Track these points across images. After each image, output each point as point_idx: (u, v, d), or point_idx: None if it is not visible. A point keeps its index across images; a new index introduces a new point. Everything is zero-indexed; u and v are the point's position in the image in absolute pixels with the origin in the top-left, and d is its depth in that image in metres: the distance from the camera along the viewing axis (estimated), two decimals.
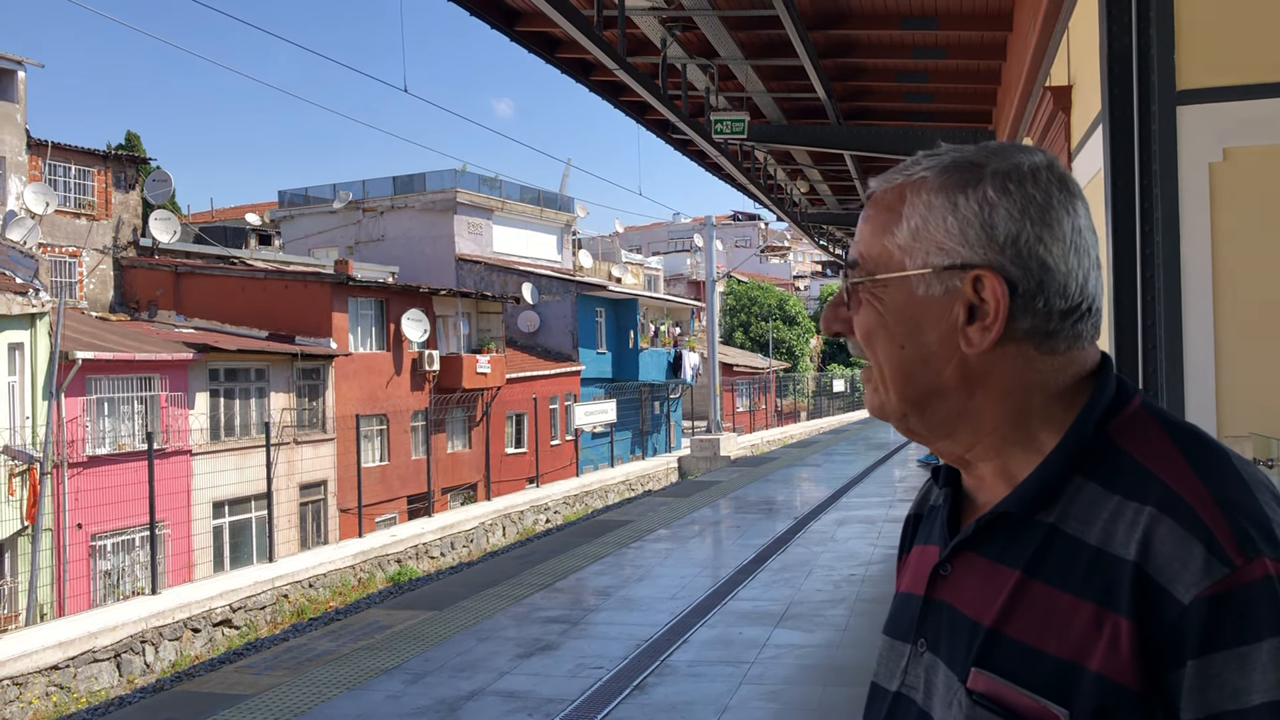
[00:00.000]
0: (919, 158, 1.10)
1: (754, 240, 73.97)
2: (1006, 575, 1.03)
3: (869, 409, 1.15)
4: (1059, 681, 0.96)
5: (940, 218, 1.06)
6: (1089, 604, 0.96)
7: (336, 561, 18.29)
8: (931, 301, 1.06)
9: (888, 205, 1.09)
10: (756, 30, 10.54)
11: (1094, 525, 0.99)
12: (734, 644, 7.53)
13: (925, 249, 1.06)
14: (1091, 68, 5.99)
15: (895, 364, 1.08)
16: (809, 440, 30.82)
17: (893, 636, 1.17)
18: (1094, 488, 1.01)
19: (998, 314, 1.03)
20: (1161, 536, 0.94)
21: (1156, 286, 5.20)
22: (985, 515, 1.07)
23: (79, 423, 18.32)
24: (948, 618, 1.07)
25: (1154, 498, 0.96)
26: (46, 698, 12.53)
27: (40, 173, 23.99)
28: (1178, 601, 0.92)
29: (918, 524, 1.27)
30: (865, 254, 1.09)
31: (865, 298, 1.09)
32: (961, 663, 1.03)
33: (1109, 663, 0.94)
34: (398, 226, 36.56)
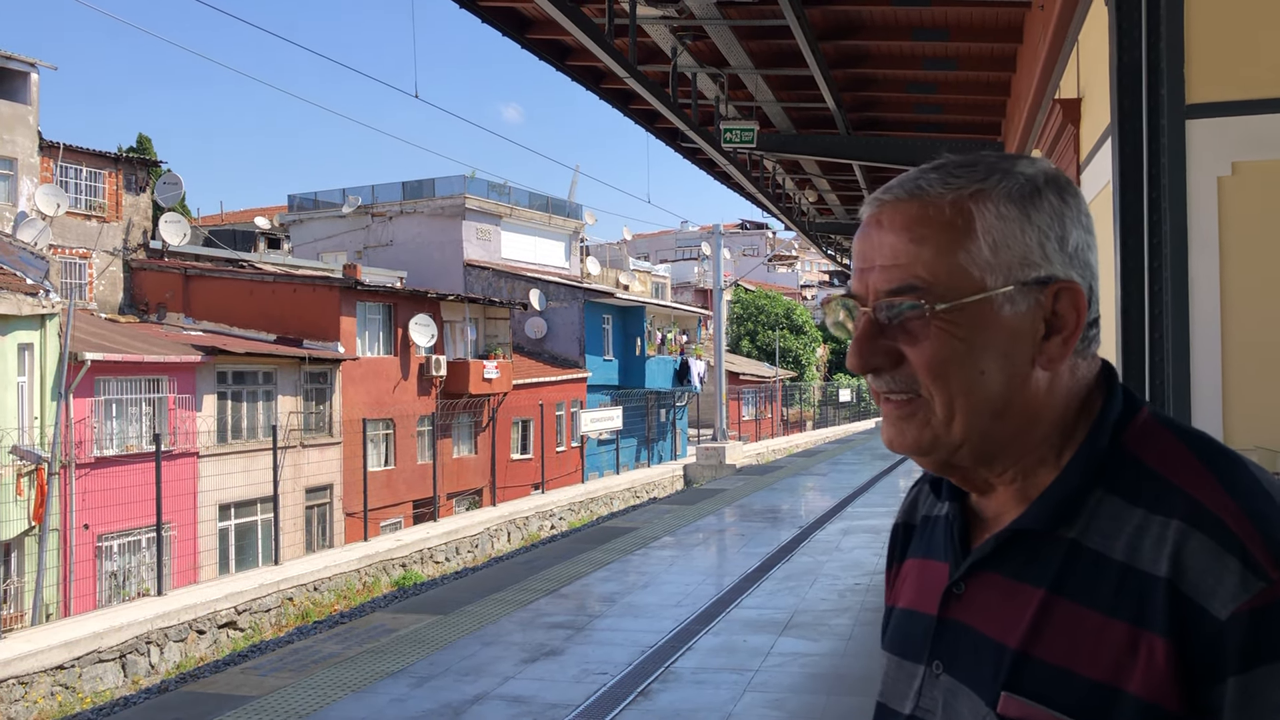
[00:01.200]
0: (947, 170, 1.04)
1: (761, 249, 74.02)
2: (1030, 594, 1.00)
3: (906, 446, 1.05)
4: (1095, 704, 0.93)
5: (1018, 230, 1.02)
6: (1121, 623, 0.94)
7: (342, 565, 18.31)
8: (1015, 320, 1.01)
9: (946, 221, 1.02)
10: (767, 40, 10.59)
11: (1119, 540, 0.97)
12: (738, 651, 7.54)
13: (1008, 265, 1.01)
14: (1101, 80, 6.02)
15: (971, 393, 1.01)
16: (815, 449, 30.81)
17: (901, 656, 1.13)
18: (1116, 501, 0.99)
19: (1077, 326, 1.02)
20: (1193, 551, 0.92)
21: (1164, 300, 5.22)
22: (1003, 532, 1.04)
23: (87, 423, 18.39)
24: (967, 639, 1.04)
25: (1181, 511, 0.94)
26: (51, 697, 12.56)
27: (52, 174, 24.11)
28: (1214, 618, 0.90)
29: (908, 533, 1.23)
30: (930, 277, 1.00)
31: (940, 325, 1.00)
32: (989, 686, 0.99)
33: (1146, 684, 0.91)
34: (406, 232, 36.66)
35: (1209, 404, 5.11)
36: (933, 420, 1.02)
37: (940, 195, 1.02)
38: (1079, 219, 1.04)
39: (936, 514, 1.17)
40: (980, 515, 1.10)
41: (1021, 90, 9.99)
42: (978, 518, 1.10)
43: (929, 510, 1.20)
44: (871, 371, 1.04)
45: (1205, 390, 5.10)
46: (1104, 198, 6.06)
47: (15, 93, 23.36)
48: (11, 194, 23.14)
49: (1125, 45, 5.24)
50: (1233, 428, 5.06)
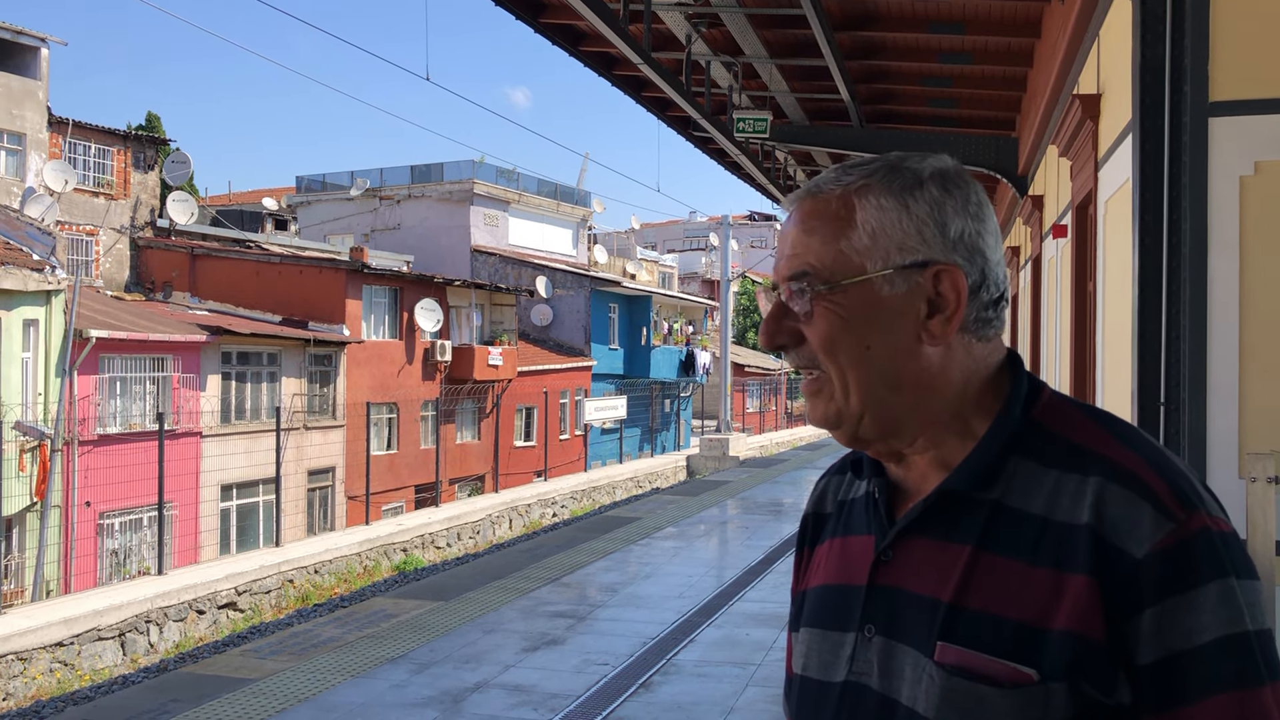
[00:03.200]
0: (843, 168, 1.16)
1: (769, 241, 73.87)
2: (957, 551, 1.09)
3: (818, 420, 1.17)
4: (1023, 644, 1.03)
5: (896, 219, 1.12)
6: (1043, 569, 1.04)
7: (343, 548, 18.29)
8: (895, 300, 1.12)
9: (832, 214, 1.13)
10: (782, 29, 10.48)
11: (1036, 498, 1.07)
12: (741, 645, 7.49)
13: (885, 250, 1.12)
14: (1122, 77, 5.93)
15: (860, 367, 1.12)
16: (819, 443, 30.75)
17: (825, 628, 1.19)
18: (1031, 465, 1.10)
19: (958, 306, 1.12)
20: (1111, 501, 1.04)
21: (1182, 300, 5.15)
22: (929, 497, 1.13)
23: (90, 401, 18.36)
24: (899, 600, 1.12)
25: (1097, 468, 1.06)
26: (50, 674, 12.55)
27: (60, 150, 24.05)
28: (1132, 557, 1.01)
29: (818, 522, 1.32)
30: (817, 263, 1.13)
31: (826, 306, 1.12)
32: (925, 639, 1.08)
33: (1074, 619, 1.02)
34: (414, 215, 36.57)
35: (1225, 406, 5.04)
36: (834, 394, 1.14)
37: (831, 191, 1.14)
38: (964, 208, 1.14)
39: (853, 496, 1.26)
40: (901, 488, 1.19)
41: (1038, 86, 9.89)
42: (899, 492, 1.19)
43: (844, 496, 1.29)
44: (779, 348, 1.17)
45: (1221, 392, 5.03)
46: (1122, 194, 5.98)
47: (25, 68, 23.28)
48: (20, 169, 23.09)
49: (1149, 41, 5.16)
50: (1249, 430, 4.99)
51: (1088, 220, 7.91)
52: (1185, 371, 5.08)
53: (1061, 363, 8.95)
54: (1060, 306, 9.20)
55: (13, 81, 22.83)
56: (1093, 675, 1.02)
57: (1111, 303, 6.61)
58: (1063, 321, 8.99)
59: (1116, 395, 5.83)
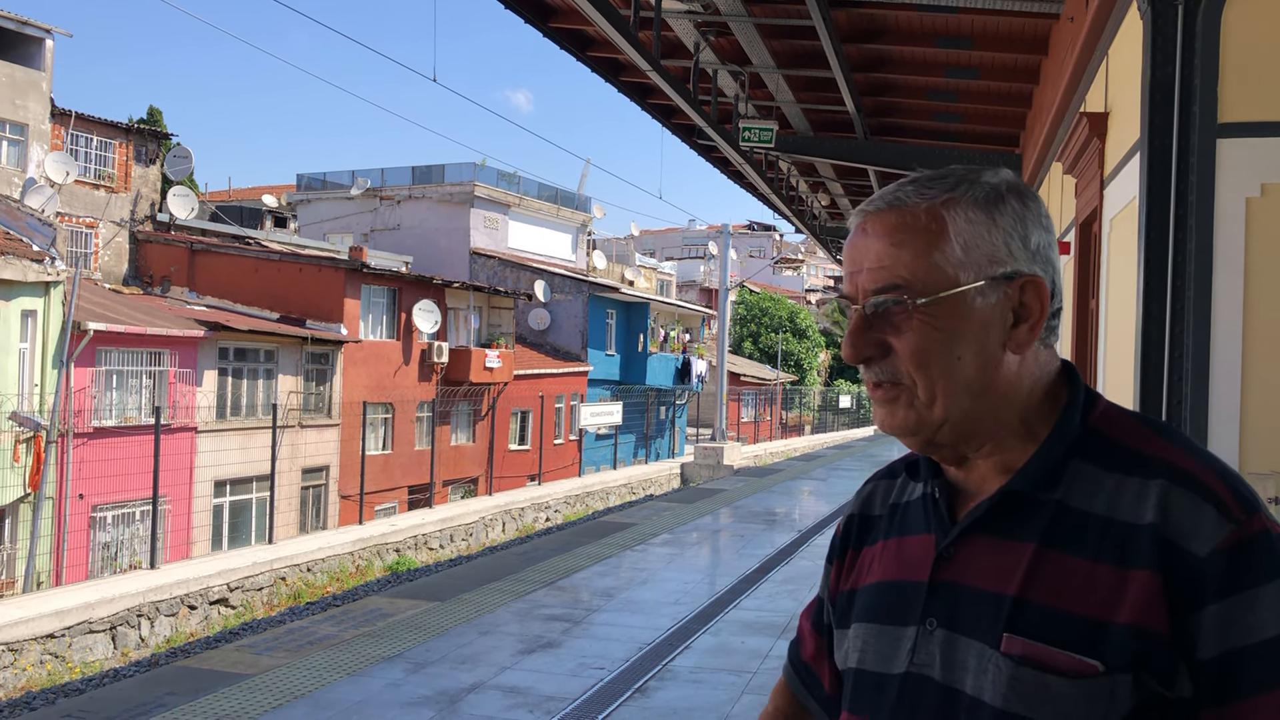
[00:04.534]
0: (918, 182, 1.20)
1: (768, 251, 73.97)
2: (1020, 549, 1.14)
3: (895, 428, 1.20)
4: (1088, 637, 1.07)
5: (985, 231, 1.16)
6: (1106, 565, 1.09)
7: (336, 547, 18.27)
8: (985, 311, 1.16)
9: (921, 227, 1.16)
10: (790, 40, 10.53)
11: (1098, 499, 1.12)
12: (737, 653, 7.49)
13: (978, 263, 1.16)
14: (1130, 96, 5.96)
15: (949, 377, 1.16)
16: (813, 454, 30.77)
17: (884, 622, 1.23)
18: (1091, 468, 1.15)
19: (1041, 315, 1.17)
20: (1175, 503, 1.08)
21: (1186, 318, 5.17)
22: (993, 496, 1.17)
23: (87, 393, 18.33)
24: (962, 595, 1.16)
25: (1159, 472, 1.11)
26: (41, 665, 12.52)
27: (62, 142, 24.04)
28: (1194, 556, 1.06)
29: (865, 523, 1.36)
30: (910, 276, 1.15)
31: (921, 318, 1.15)
32: (990, 631, 1.12)
33: (1138, 612, 1.06)
34: (414, 216, 36.57)
35: (1226, 425, 5.06)
36: (916, 403, 1.17)
37: (916, 204, 1.17)
38: (1040, 220, 1.20)
39: (907, 499, 1.31)
40: (960, 490, 1.24)
41: (1043, 103, 9.94)
42: (958, 493, 1.24)
43: (895, 499, 1.33)
44: (863, 361, 1.19)
45: (1223, 412, 5.06)
46: (1129, 213, 6.01)
47: (29, 58, 23.28)
48: (21, 160, 23.07)
49: (1159, 61, 5.19)
50: (1249, 450, 5.02)
51: (1091, 238, 7.94)
52: (1188, 390, 5.11)
53: None
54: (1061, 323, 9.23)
55: (16, 72, 22.83)
56: (1156, 668, 1.06)
57: (1114, 320, 6.64)
58: (1063, 339, 9.02)
59: None
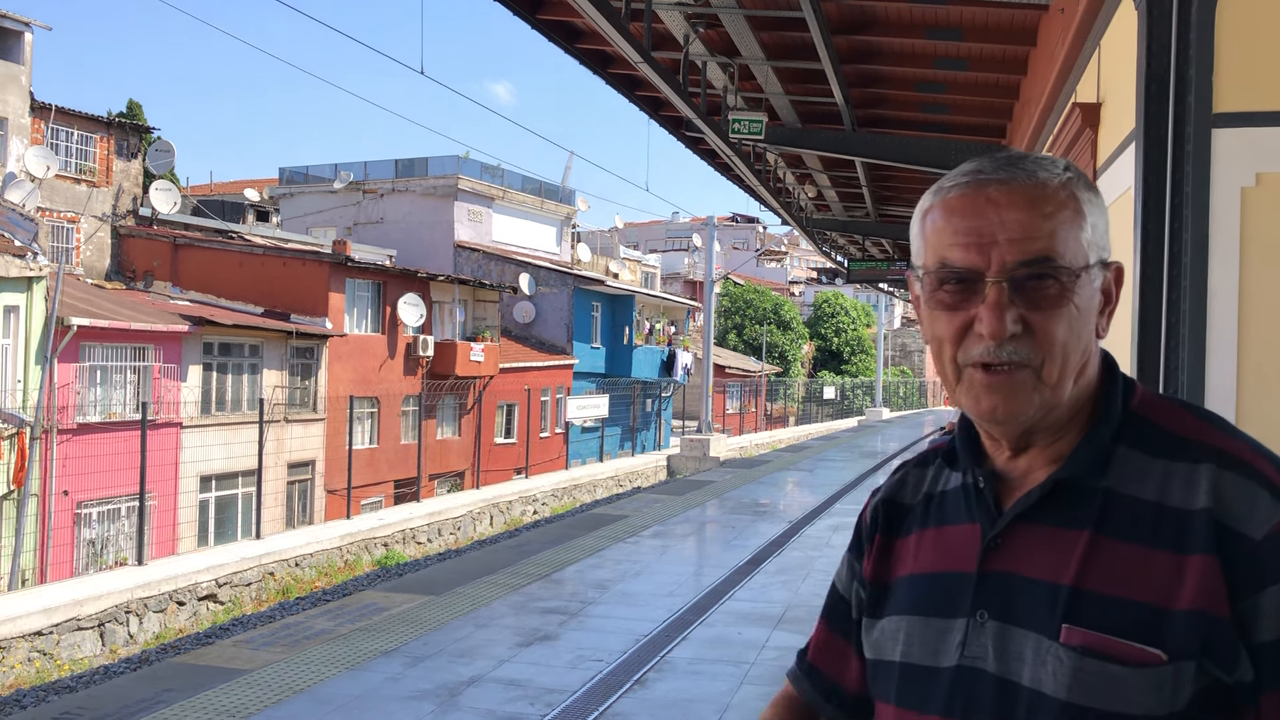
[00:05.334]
0: (1030, 159, 1.16)
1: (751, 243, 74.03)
2: (1074, 537, 1.12)
3: (1015, 412, 1.14)
4: (1149, 626, 1.06)
5: (1100, 215, 1.17)
6: (1163, 552, 1.08)
7: (324, 542, 18.22)
8: (1093, 294, 1.16)
9: (1061, 202, 1.14)
10: (780, 31, 10.52)
11: (1147, 485, 1.12)
12: (733, 644, 7.52)
13: (1099, 244, 1.16)
14: (1123, 86, 5.99)
15: (1073, 355, 1.14)
16: (800, 445, 30.84)
17: (930, 615, 1.20)
18: (1139, 454, 1.14)
19: (1118, 301, 1.19)
20: (1227, 486, 1.08)
21: (1182, 308, 5.20)
22: (1043, 484, 1.15)
23: (71, 389, 18.21)
24: (1013, 585, 1.14)
25: (1207, 456, 1.10)
26: (29, 663, 12.45)
27: (43, 136, 23.82)
28: (1250, 539, 1.06)
29: (897, 510, 1.32)
30: (1063, 251, 1.13)
31: (1070, 295, 1.13)
32: (1047, 622, 1.10)
33: (1199, 598, 1.05)
34: (398, 210, 36.44)
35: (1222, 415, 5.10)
36: (1040, 386, 1.13)
37: (1049, 179, 1.14)
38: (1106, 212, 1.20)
39: (944, 489, 1.27)
40: (1005, 479, 1.21)
41: (1031, 94, 9.96)
42: (1002, 482, 1.21)
43: (930, 489, 1.29)
44: (1008, 339, 1.12)
45: (1219, 402, 5.08)
46: (1123, 203, 6.03)
47: (9, 52, 23.05)
48: (1, 154, 22.86)
49: (1154, 51, 5.21)
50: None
51: None
52: (1183, 378, 5.13)
53: None
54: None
55: None
56: (1217, 653, 1.05)
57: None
58: None
59: None
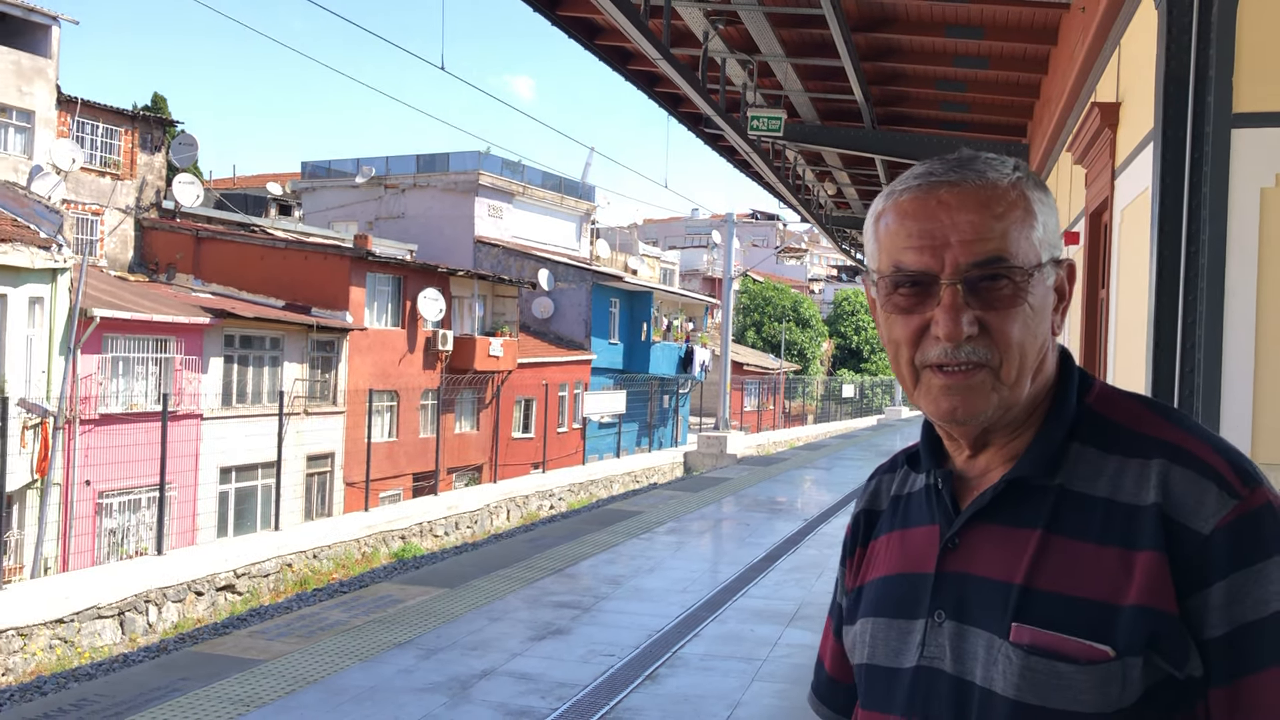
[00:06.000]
0: (980, 159, 1.16)
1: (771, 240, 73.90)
2: (1026, 536, 1.13)
3: (974, 412, 1.15)
4: (1097, 622, 1.06)
5: (1051, 214, 1.17)
6: (1112, 549, 1.08)
7: (342, 534, 18.32)
8: (1048, 291, 1.16)
9: (1012, 202, 1.14)
10: (800, 29, 10.51)
11: (1099, 482, 1.12)
12: (746, 640, 7.53)
13: (1051, 243, 1.16)
14: (1143, 85, 5.96)
15: (1030, 354, 1.15)
16: (818, 443, 30.80)
17: (892, 616, 1.22)
18: (1092, 451, 1.14)
19: (1070, 298, 1.19)
20: (1176, 481, 1.08)
21: (1199, 310, 5.18)
22: (997, 484, 1.16)
23: (93, 380, 18.37)
24: (969, 585, 1.15)
25: (1158, 452, 1.11)
26: (50, 650, 12.57)
27: (68, 129, 24.03)
28: (1198, 533, 1.05)
29: (870, 519, 1.34)
30: (1015, 250, 1.13)
31: (1024, 295, 1.13)
32: (999, 621, 1.11)
33: (1146, 594, 1.05)
34: (419, 205, 36.57)
35: (1239, 417, 5.07)
36: (998, 385, 1.13)
37: (998, 179, 1.14)
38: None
39: (909, 491, 1.29)
40: (963, 478, 1.22)
41: (1052, 93, 9.92)
42: (960, 482, 1.22)
43: (898, 490, 1.31)
44: (965, 340, 1.13)
45: (1235, 403, 5.06)
46: (1140, 203, 6.01)
47: (36, 46, 23.26)
48: (28, 147, 23.07)
49: (1174, 51, 5.19)
50: (1261, 441, 5.03)
51: (1101, 228, 7.94)
52: (1200, 381, 5.12)
53: None
54: (1070, 313, 9.24)
55: (23, 59, 22.81)
56: (1166, 649, 1.05)
57: (1124, 310, 6.65)
58: (1072, 328, 9.02)
59: None
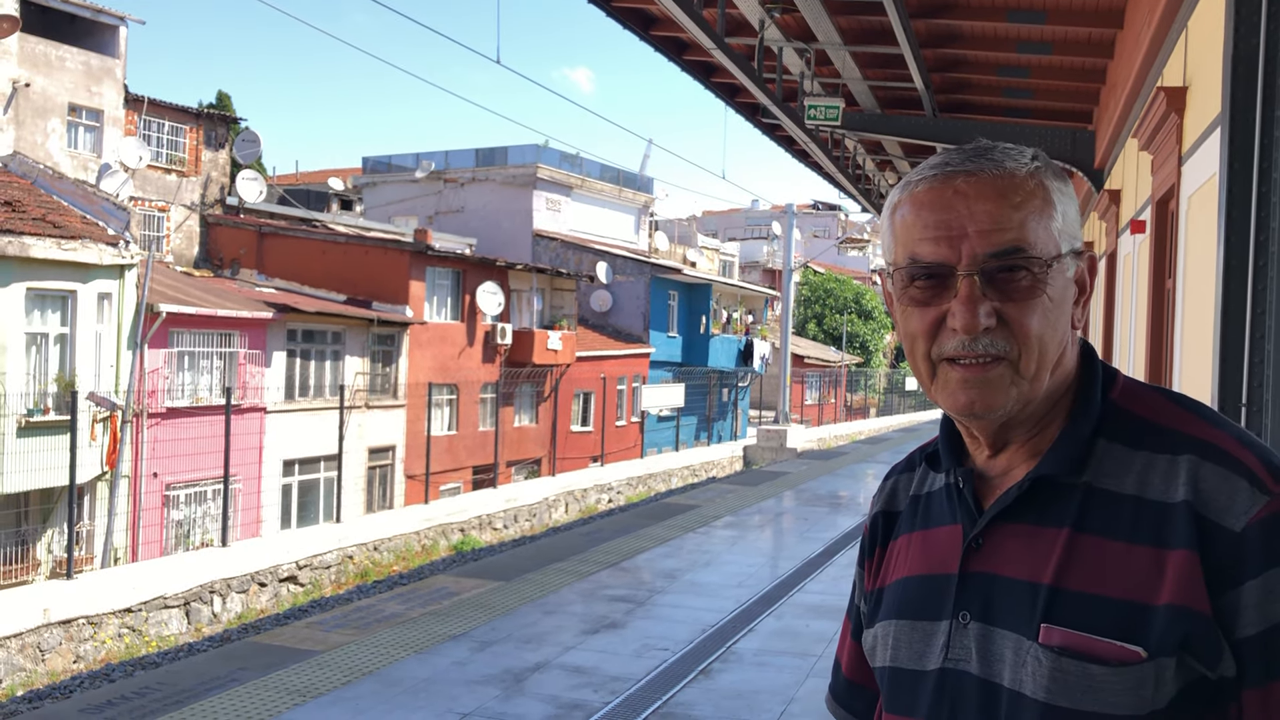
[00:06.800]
0: (997, 149, 1.14)
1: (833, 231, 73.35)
2: (1053, 535, 1.10)
3: (993, 406, 1.12)
4: (1129, 623, 1.04)
5: (1069, 203, 1.14)
6: (1142, 548, 1.05)
7: (402, 526, 18.50)
8: (1068, 283, 1.14)
9: (1030, 192, 1.11)
10: (858, 16, 10.37)
11: (1127, 479, 1.09)
12: (801, 636, 7.45)
13: (1070, 234, 1.14)
14: (1211, 69, 5.78)
15: (1050, 347, 1.12)
16: (879, 437, 30.52)
17: (915, 618, 1.19)
18: (1118, 447, 1.11)
19: (1092, 290, 1.17)
20: (1206, 478, 1.05)
21: (1268, 299, 5.02)
22: (1022, 482, 1.13)
23: (160, 374, 18.72)
24: (995, 586, 1.12)
25: (1186, 448, 1.08)
26: (119, 639, 12.84)
27: (135, 127, 24.49)
28: (1230, 531, 1.03)
29: (889, 520, 1.32)
30: (1034, 241, 1.10)
31: (1043, 287, 1.11)
32: (1027, 622, 1.08)
33: (1179, 593, 1.02)
34: (478, 199, 36.78)
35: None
36: (1017, 379, 1.11)
37: (1016, 169, 1.11)
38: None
39: (929, 490, 1.27)
40: (985, 477, 1.19)
41: (1118, 78, 9.69)
42: (982, 481, 1.19)
43: (916, 490, 1.29)
44: (982, 332, 1.10)
45: None
46: (1208, 190, 5.84)
47: (104, 46, 23.73)
48: (97, 145, 23.56)
49: (1242, 32, 5.03)
50: None
51: (1168, 216, 7.74)
52: (1269, 373, 4.95)
53: (1136, 361, 8.78)
54: (1136, 304, 9.02)
55: (92, 59, 23.28)
56: (1199, 649, 1.02)
57: (1191, 301, 6.47)
58: (1138, 319, 8.81)
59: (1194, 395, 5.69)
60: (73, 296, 17.17)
